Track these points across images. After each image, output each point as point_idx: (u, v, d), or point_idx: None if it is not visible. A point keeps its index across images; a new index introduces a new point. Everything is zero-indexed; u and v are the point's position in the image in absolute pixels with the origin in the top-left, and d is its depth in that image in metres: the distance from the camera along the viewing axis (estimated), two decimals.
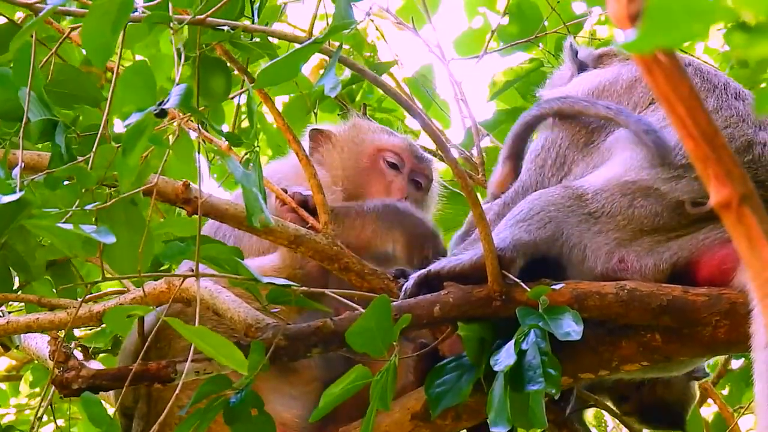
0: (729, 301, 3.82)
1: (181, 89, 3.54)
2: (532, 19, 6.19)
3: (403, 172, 4.81)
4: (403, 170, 4.81)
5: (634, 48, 1.76)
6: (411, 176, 4.84)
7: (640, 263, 3.92)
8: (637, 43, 1.74)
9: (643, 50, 1.80)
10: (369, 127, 4.95)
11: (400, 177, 4.79)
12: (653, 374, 4.21)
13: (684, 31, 1.72)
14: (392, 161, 4.80)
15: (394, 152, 4.82)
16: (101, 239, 3.41)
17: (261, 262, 4.34)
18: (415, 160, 4.86)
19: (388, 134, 4.93)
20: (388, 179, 4.77)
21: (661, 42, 1.75)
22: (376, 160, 4.79)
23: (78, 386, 3.78)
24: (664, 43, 1.77)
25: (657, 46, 1.79)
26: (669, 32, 1.73)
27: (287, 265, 4.32)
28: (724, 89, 4.16)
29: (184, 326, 3.42)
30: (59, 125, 3.88)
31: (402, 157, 4.82)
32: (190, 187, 3.91)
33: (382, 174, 4.77)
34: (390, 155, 4.81)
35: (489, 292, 3.85)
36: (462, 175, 3.80)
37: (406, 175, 4.81)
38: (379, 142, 4.84)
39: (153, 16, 3.77)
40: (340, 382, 3.73)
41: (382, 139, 4.87)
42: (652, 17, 1.71)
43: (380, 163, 4.79)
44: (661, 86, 1.86)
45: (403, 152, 4.84)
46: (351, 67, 4.24)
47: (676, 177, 3.97)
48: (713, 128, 1.87)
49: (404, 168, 4.81)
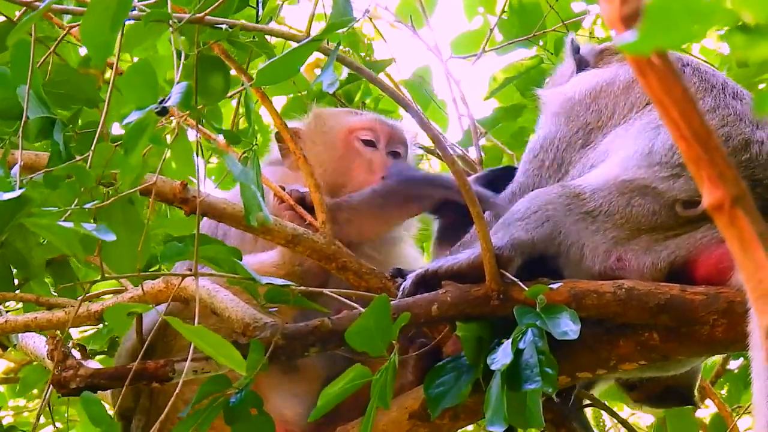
0: (727, 299, 3.81)
1: (182, 87, 3.54)
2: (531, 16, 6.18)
3: (380, 147, 4.69)
4: (380, 145, 4.69)
5: (633, 49, 1.76)
6: (389, 149, 4.71)
7: (637, 262, 3.92)
8: (637, 44, 1.73)
9: (642, 51, 1.80)
10: (333, 113, 4.85)
11: (378, 153, 4.67)
12: (651, 373, 4.22)
13: (683, 32, 1.72)
14: (366, 138, 4.68)
15: (366, 129, 4.70)
16: (101, 237, 3.42)
17: (261, 259, 4.33)
18: (388, 129, 4.73)
19: (354, 114, 4.82)
20: (367, 158, 4.64)
21: (661, 43, 1.75)
22: (350, 142, 4.67)
23: (76, 385, 3.79)
24: (663, 44, 1.76)
25: (656, 47, 1.79)
26: (668, 33, 1.72)
27: (287, 261, 4.31)
28: (721, 89, 4.16)
29: (183, 325, 3.43)
30: (57, 123, 3.88)
31: (375, 130, 4.70)
32: (187, 186, 3.92)
33: (359, 155, 4.65)
34: (363, 133, 4.68)
35: (487, 291, 3.85)
36: (460, 174, 3.79)
37: (383, 149, 4.69)
38: (348, 124, 4.71)
39: (152, 14, 3.78)
40: (339, 381, 3.74)
41: (350, 120, 4.74)
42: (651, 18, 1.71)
43: (355, 144, 4.66)
44: (654, 88, 1.86)
45: (374, 125, 4.71)
46: (348, 66, 4.23)
47: (673, 176, 3.97)
48: (706, 130, 1.87)
49: (380, 143, 4.69)
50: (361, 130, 4.69)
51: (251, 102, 3.94)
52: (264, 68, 3.77)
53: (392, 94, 4.16)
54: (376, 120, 4.76)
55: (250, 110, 3.92)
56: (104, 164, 3.70)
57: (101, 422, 3.66)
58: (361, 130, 4.69)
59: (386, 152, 4.69)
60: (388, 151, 4.71)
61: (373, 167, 4.61)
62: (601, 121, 4.29)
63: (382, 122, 4.75)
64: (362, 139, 4.68)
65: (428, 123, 3.96)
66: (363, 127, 4.70)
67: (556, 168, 4.28)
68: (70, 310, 4.08)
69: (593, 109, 4.34)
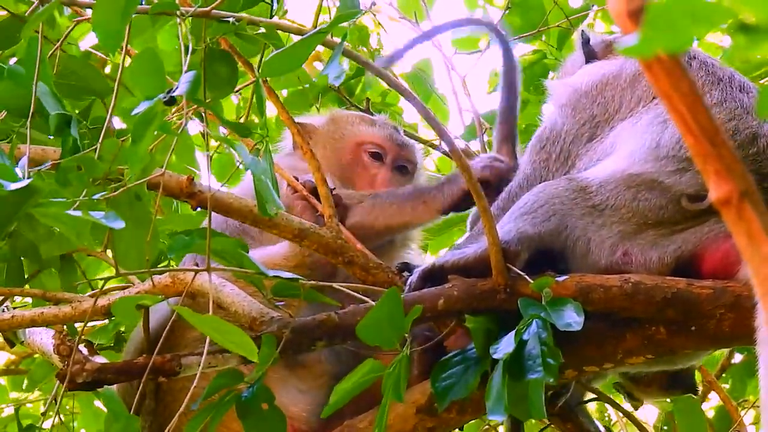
0: (734, 294, 3.81)
1: (190, 76, 3.54)
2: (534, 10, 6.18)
3: (387, 162, 4.78)
4: (386, 160, 4.78)
5: (636, 52, 1.76)
6: (395, 164, 4.80)
7: (644, 256, 3.92)
8: (639, 47, 1.74)
9: (644, 54, 1.80)
10: (348, 120, 4.90)
11: (384, 168, 4.76)
12: (658, 367, 4.21)
13: (685, 35, 1.72)
14: (374, 152, 4.77)
15: (375, 143, 4.79)
16: (110, 224, 3.41)
17: (270, 251, 4.34)
18: (398, 147, 4.82)
19: (368, 125, 4.88)
20: (372, 172, 4.74)
21: (663, 45, 1.75)
22: (358, 154, 4.77)
23: (83, 380, 3.78)
24: (665, 47, 1.77)
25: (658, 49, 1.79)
26: (670, 36, 1.73)
27: (296, 253, 4.32)
28: (729, 82, 4.16)
29: (194, 315, 3.43)
30: (73, 120, 3.88)
31: (384, 147, 4.79)
32: (194, 181, 3.92)
33: (365, 167, 4.75)
34: (371, 147, 4.78)
35: (493, 285, 3.85)
36: (466, 167, 3.79)
37: (389, 165, 4.78)
38: (359, 135, 4.80)
39: (159, 4, 3.78)
40: (352, 376, 3.74)
41: (362, 131, 4.82)
42: (652, 21, 1.71)
43: (363, 156, 4.77)
44: (661, 83, 1.87)
45: (384, 142, 4.80)
46: (355, 59, 4.24)
47: (680, 170, 3.96)
48: (714, 124, 1.87)
49: (387, 158, 4.79)
50: (370, 143, 4.79)
51: (263, 92, 3.93)
52: (270, 59, 3.77)
53: (397, 86, 4.16)
54: (388, 135, 4.84)
55: (263, 101, 3.91)
56: (112, 159, 3.70)
57: (120, 418, 3.67)
58: (370, 143, 4.79)
59: (392, 168, 4.78)
60: (395, 166, 4.80)
61: (375, 182, 4.71)
62: (608, 114, 4.29)
63: (392, 138, 4.84)
64: (370, 151, 4.77)
65: (434, 117, 3.94)
66: (372, 141, 4.79)
67: (563, 161, 4.28)
68: (76, 305, 4.08)
69: (599, 101, 4.34)
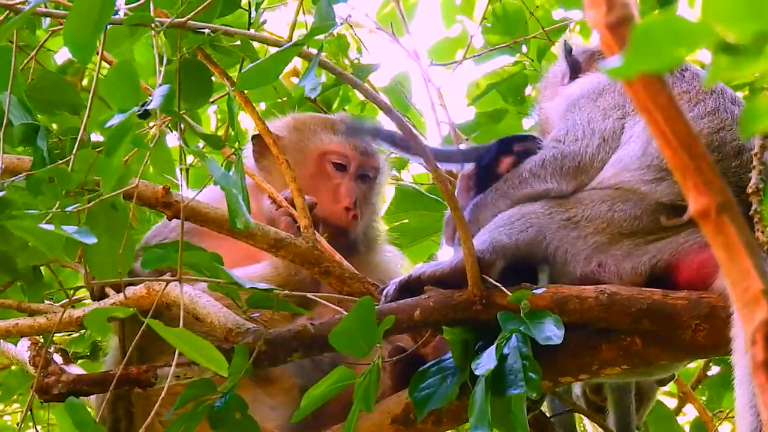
0: (709, 304, 3.83)
1: (164, 90, 3.53)
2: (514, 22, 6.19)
3: (350, 171, 4.71)
4: (350, 169, 4.72)
5: (619, 74, 1.76)
6: (358, 172, 4.74)
7: (617, 267, 3.93)
8: (622, 69, 1.74)
9: (628, 76, 1.80)
10: (311, 127, 4.81)
11: (347, 178, 4.69)
12: (634, 378, 4.23)
13: (668, 56, 1.72)
14: (338, 162, 4.71)
15: (339, 153, 4.72)
16: (82, 239, 3.39)
17: (255, 270, 4.32)
18: (361, 156, 4.75)
19: (331, 132, 4.79)
20: (335, 182, 4.66)
21: (646, 67, 1.75)
22: (321, 164, 4.69)
23: (58, 391, 3.77)
24: (648, 68, 1.77)
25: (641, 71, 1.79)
26: (653, 57, 1.73)
27: (282, 272, 4.31)
28: (721, 93, 4.17)
29: (164, 328, 3.41)
30: (41, 130, 3.86)
31: (348, 156, 4.72)
32: (170, 190, 3.90)
33: (329, 177, 4.67)
34: (335, 157, 4.71)
35: (469, 297, 3.86)
36: (442, 180, 3.79)
37: (352, 174, 4.71)
38: (321, 145, 4.72)
39: (134, 17, 3.77)
40: (323, 383, 3.73)
41: (324, 141, 4.74)
42: (636, 42, 1.71)
43: (326, 166, 4.69)
44: (639, 95, 1.86)
45: (348, 151, 4.73)
46: (331, 71, 4.23)
47: (657, 179, 3.98)
48: (693, 137, 1.87)
49: (350, 167, 4.72)
50: (334, 154, 4.71)
51: (234, 106, 3.92)
52: (246, 72, 3.76)
53: (374, 98, 4.16)
54: (351, 146, 4.75)
55: (234, 114, 3.91)
56: (86, 170, 3.68)
57: (86, 428, 3.64)
58: (334, 154, 4.71)
59: (355, 177, 4.72)
60: (358, 175, 4.74)
61: (339, 193, 4.64)
62: None
63: (356, 149, 4.75)
64: (334, 162, 4.71)
65: (411, 129, 3.95)
66: (336, 152, 4.72)
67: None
68: (51, 316, 4.06)
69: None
